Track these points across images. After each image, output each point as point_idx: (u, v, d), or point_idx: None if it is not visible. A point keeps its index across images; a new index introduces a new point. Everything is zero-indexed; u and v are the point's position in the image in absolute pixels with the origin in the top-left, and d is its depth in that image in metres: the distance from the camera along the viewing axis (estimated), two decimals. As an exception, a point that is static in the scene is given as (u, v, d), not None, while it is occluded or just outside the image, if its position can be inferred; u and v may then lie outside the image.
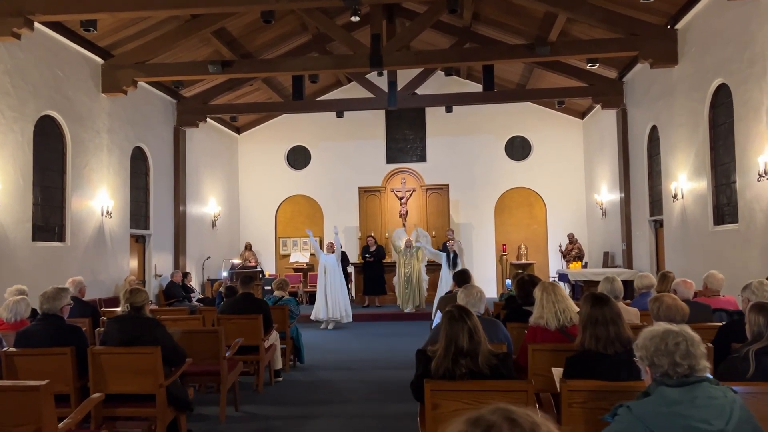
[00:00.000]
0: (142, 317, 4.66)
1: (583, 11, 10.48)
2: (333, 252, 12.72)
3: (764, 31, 7.56)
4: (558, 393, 3.52)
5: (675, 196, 10.35)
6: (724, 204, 9.00)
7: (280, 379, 7.53)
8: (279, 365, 7.52)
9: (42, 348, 4.56)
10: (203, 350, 5.63)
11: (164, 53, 11.80)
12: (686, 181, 10.11)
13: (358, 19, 9.24)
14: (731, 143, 8.58)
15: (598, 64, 11.82)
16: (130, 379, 4.51)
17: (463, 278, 6.88)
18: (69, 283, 7.49)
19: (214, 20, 11.14)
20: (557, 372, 3.62)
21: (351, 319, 12.41)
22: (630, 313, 5.38)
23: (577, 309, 4.33)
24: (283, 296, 8.27)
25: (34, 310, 6.42)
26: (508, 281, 14.05)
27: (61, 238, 10.24)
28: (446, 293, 7.75)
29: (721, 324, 4.64)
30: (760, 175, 7.44)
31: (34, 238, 9.45)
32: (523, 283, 5.05)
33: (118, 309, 9.13)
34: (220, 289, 8.63)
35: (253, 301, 7.12)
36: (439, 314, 5.07)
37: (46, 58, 9.85)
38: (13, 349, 4.58)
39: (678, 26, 10.22)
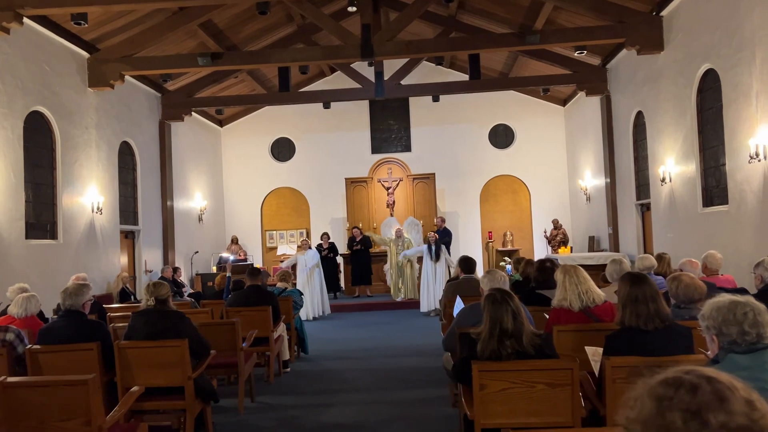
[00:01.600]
0: (168, 310, 4.67)
1: (571, -1, 10.64)
2: (309, 248, 12.76)
3: (753, 16, 7.76)
4: (591, 371, 3.64)
5: (663, 180, 10.59)
6: (713, 186, 9.24)
7: (288, 369, 7.58)
8: (287, 356, 7.57)
9: (67, 344, 4.55)
10: (220, 342, 5.65)
11: (150, 46, 11.65)
12: (674, 165, 10.35)
13: (354, 9, 9.23)
14: (720, 127, 8.80)
15: (585, 52, 11.98)
16: (157, 372, 4.52)
17: (468, 264, 7.01)
18: (73, 280, 7.44)
19: (201, 12, 11.03)
20: (591, 350, 3.73)
21: (329, 311, 12.52)
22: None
23: (600, 291, 4.47)
24: (286, 288, 8.30)
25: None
26: (509, 267, 14.19)
27: (53, 235, 10.11)
28: (451, 279, 7.84)
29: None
30: (752, 157, 7.66)
31: (27, 236, 9.33)
32: (545, 269, 5.15)
33: (115, 305, 9.07)
34: (228, 274, 8.62)
35: (262, 292, 7.15)
36: (459, 301, 5.16)
37: (32, 53, 9.67)
38: (37, 346, 4.55)
39: (663, 13, 10.42)
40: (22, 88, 9.37)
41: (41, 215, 9.87)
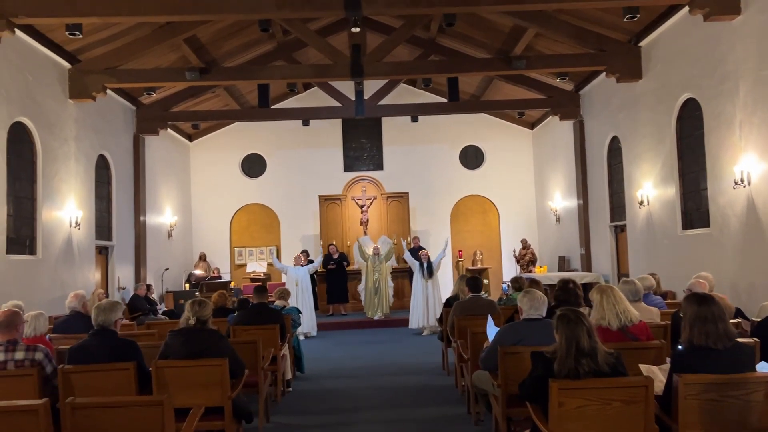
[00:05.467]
0: (207, 330, 4.60)
1: (554, 27, 11.02)
2: (303, 265, 12.74)
3: (736, 50, 8.23)
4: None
5: (641, 203, 11.00)
6: (693, 210, 9.67)
7: (290, 389, 7.49)
8: (289, 375, 7.49)
9: (100, 364, 4.42)
10: (240, 362, 5.56)
11: (134, 59, 11.44)
12: (652, 189, 10.78)
13: (358, 29, 9.33)
14: (701, 153, 9.24)
15: (567, 78, 12.40)
16: (196, 392, 4.43)
17: (476, 284, 7.13)
18: (72, 297, 7.24)
19: (188, 27, 10.93)
20: (645, 368, 3.88)
21: (316, 331, 12.45)
22: (652, 313, 5.75)
23: (635, 310, 4.64)
24: (285, 306, 8.23)
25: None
26: (505, 286, 14.40)
27: (32, 250, 9.74)
28: (452, 297, 7.93)
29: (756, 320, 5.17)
30: (736, 183, 8.07)
31: (8, 251, 8.97)
32: (567, 290, 5.28)
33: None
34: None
35: (269, 311, 7.09)
36: (491, 321, 5.24)
37: (16, 62, 9.38)
38: (70, 366, 4.41)
39: (642, 44, 10.90)
40: (6, 97, 9.06)
41: (21, 230, 9.51)
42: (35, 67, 9.88)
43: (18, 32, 9.27)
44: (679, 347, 4.96)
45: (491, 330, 5.06)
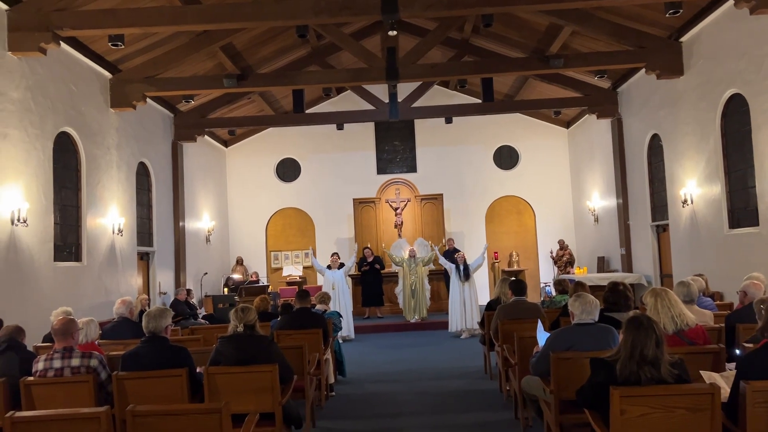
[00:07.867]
0: (257, 335, 4.63)
1: (591, 24, 10.86)
2: (339, 267, 12.75)
3: (784, 44, 8.01)
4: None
5: (684, 202, 10.76)
6: (741, 208, 9.42)
7: (333, 393, 7.50)
8: (332, 379, 7.50)
9: (152, 370, 4.47)
10: (287, 367, 5.58)
11: (172, 68, 11.61)
12: (696, 187, 10.53)
13: (395, 33, 9.32)
14: (748, 150, 9.00)
15: (606, 75, 12.21)
16: (248, 398, 4.46)
17: (519, 287, 7.04)
18: (119, 303, 7.35)
19: (224, 35, 11.05)
20: (707, 375, 3.77)
21: (354, 334, 12.46)
22: (706, 316, 5.61)
23: (690, 314, 4.52)
24: (326, 310, 8.24)
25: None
26: (549, 289, 14.25)
27: (77, 257, 9.96)
28: (494, 300, 7.83)
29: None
30: (787, 181, 7.84)
31: (55, 259, 9.18)
32: (617, 291, 5.17)
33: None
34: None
35: (312, 315, 7.10)
36: (540, 326, 5.17)
37: (61, 73, 9.60)
38: (124, 373, 4.47)
39: (683, 39, 10.68)
40: (52, 108, 9.28)
41: (67, 237, 9.72)
42: (78, 77, 10.09)
43: (62, 44, 9.52)
44: (737, 351, 4.84)
45: (541, 335, 4.98)
